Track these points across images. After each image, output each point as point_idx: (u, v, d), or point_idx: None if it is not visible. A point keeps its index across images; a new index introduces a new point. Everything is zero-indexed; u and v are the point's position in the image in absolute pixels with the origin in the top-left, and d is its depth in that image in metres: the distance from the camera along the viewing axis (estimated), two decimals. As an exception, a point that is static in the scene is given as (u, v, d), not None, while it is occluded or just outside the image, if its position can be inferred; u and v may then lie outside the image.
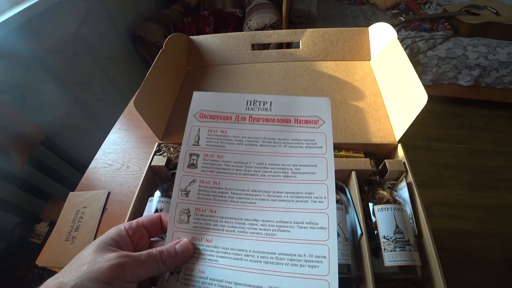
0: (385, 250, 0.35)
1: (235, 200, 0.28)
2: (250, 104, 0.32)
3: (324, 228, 0.26)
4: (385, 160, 0.42)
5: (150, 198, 0.46)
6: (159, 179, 0.53)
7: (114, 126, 0.76)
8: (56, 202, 1.02)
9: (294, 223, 0.27)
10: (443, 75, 1.59)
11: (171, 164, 0.49)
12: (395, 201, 0.39)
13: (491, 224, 1.30)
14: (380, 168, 0.44)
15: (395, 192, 0.42)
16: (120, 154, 0.68)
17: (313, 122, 0.31)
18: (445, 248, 1.21)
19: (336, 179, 0.43)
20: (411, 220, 0.39)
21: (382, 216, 0.37)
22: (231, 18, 1.59)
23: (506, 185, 1.44)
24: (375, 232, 0.37)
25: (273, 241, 0.26)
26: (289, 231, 0.27)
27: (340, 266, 0.34)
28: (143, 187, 0.48)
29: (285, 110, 0.31)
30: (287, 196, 0.28)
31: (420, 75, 1.61)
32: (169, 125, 0.55)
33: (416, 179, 0.41)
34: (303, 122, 0.31)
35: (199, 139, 0.32)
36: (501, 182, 1.45)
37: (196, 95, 0.34)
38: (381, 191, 0.41)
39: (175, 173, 0.49)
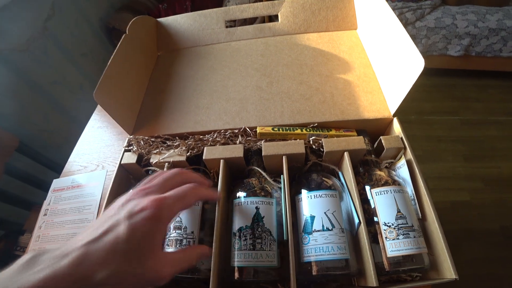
0: (387, 239, 0.31)
1: None
2: None
3: None
4: (381, 136, 0.38)
5: (123, 201, 0.41)
6: (133, 178, 0.48)
7: (87, 125, 0.70)
8: (40, 210, 0.97)
9: None
10: (433, 46, 1.55)
11: (143, 160, 0.44)
12: (394, 182, 0.35)
13: (487, 194, 1.30)
14: (375, 146, 0.40)
15: (393, 172, 0.38)
16: (95, 154, 0.63)
17: None
18: (443, 221, 1.19)
19: (327, 162, 0.38)
20: (413, 202, 0.35)
21: (381, 200, 0.33)
22: (209, 1, 1.50)
23: (500, 154, 1.43)
24: (374, 218, 0.33)
25: None
26: None
27: (337, 261, 0.29)
28: (114, 189, 0.43)
29: None
30: None
31: (409, 48, 1.56)
32: (140, 117, 0.49)
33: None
34: None
35: None
36: (495, 151, 1.44)
37: None
38: (378, 172, 0.36)
39: (149, 170, 0.45)
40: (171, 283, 0.34)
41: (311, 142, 0.37)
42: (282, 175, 0.34)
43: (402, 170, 0.38)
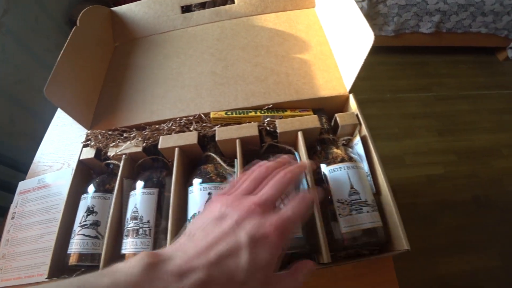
0: (340, 216, 0.31)
1: None
2: None
3: None
4: (335, 114, 0.38)
5: (83, 195, 0.40)
6: (94, 172, 0.47)
7: (51, 123, 0.68)
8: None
9: None
10: (405, 24, 1.56)
11: (102, 154, 0.43)
12: (351, 159, 0.36)
13: (460, 166, 1.35)
14: (332, 124, 0.40)
15: (350, 149, 0.38)
16: (60, 153, 0.62)
17: None
18: (420, 195, 1.25)
19: (283, 143, 0.38)
20: (369, 178, 0.36)
21: (335, 178, 0.33)
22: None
23: (471, 128, 1.48)
24: (329, 197, 0.34)
25: None
26: None
27: (291, 240, 0.30)
28: (74, 186, 0.42)
29: None
30: None
31: (382, 26, 1.56)
32: (98, 111, 0.48)
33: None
34: None
35: None
36: (467, 125, 1.49)
37: None
38: (335, 150, 0.37)
39: (109, 163, 0.44)
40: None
41: (265, 124, 0.37)
42: (235, 160, 0.34)
43: (358, 147, 0.38)
